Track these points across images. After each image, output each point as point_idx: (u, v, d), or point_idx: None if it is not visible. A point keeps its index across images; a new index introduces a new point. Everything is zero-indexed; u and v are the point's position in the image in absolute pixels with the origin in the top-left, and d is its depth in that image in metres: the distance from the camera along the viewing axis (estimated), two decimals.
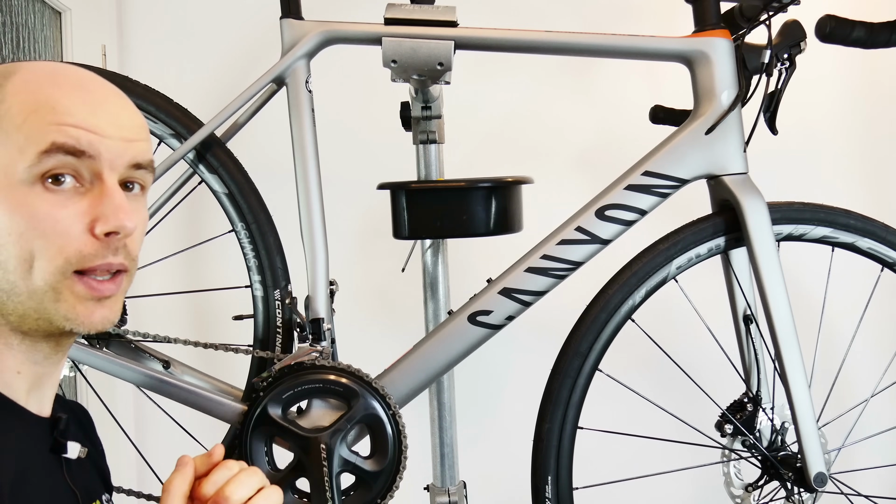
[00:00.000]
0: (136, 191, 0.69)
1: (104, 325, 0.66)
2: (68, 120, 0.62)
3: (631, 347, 1.24)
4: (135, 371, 1.10)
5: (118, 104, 0.67)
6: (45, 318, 0.63)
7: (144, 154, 0.68)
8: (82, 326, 0.64)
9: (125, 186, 0.67)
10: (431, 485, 1.41)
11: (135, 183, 0.69)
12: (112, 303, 0.66)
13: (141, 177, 0.69)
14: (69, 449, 0.70)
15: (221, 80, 1.76)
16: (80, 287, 0.63)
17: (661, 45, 1.13)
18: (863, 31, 1.05)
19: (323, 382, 1.07)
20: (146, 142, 0.69)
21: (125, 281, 0.68)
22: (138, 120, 0.69)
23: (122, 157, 0.65)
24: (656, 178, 1.12)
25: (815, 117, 1.79)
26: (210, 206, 1.23)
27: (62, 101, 0.63)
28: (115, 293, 0.66)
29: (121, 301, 0.68)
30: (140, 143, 0.68)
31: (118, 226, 0.63)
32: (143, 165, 0.68)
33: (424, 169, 1.36)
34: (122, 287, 0.67)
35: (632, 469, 1.36)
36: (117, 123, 0.66)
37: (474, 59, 1.24)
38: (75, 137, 0.62)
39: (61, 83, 0.65)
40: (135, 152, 0.67)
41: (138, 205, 0.69)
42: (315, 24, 1.13)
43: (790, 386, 1.10)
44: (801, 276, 1.56)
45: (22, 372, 0.66)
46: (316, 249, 1.13)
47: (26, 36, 1.51)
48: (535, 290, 1.12)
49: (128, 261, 0.67)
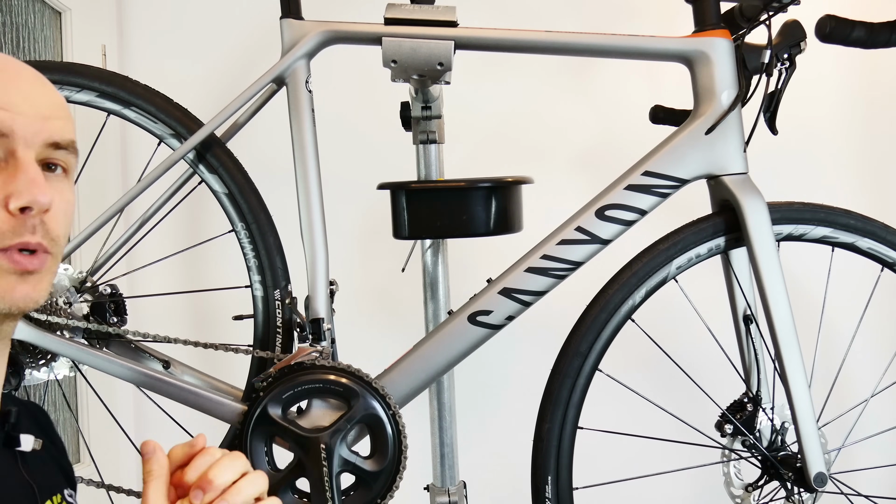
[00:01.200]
0: (58, 172, 0.67)
1: (26, 302, 0.63)
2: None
3: (631, 347, 1.24)
4: (135, 371, 1.10)
5: (33, 82, 0.66)
6: None
7: (62, 132, 0.66)
8: (2, 302, 0.62)
9: (47, 167, 0.66)
10: (431, 485, 1.41)
11: (57, 165, 0.67)
12: (36, 280, 0.64)
13: (62, 157, 0.67)
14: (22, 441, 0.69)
15: (221, 80, 1.76)
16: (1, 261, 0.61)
17: (661, 45, 1.13)
18: (863, 31, 1.05)
19: (323, 382, 1.07)
20: (65, 120, 0.67)
21: (49, 261, 0.65)
22: (56, 99, 0.67)
23: (38, 134, 0.64)
24: (656, 178, 1.12)
25: (815, 117, 1.80)
26: (210, 206, 1.23)
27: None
28: (38, 269, 0.64)
29: (47, 282, 0.66)
30: (57, 121, 0.66)
31: (31, 200, 0.61)
32: (62, 145, 0.66)
33: (424, 169, 1.36)
34: (47, 266, 0.65)
35: (632, 469, 1.36)
36: (31, 101, 0.64)
37: (474, 59, 1.25)
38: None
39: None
40: (52, 130, 0.65)
41: (60, 185, 0.67)
42: (315, 24, 1.13)
43: (790, 386, 1.10)
44: (801, 276, 1.56)
45: None
46: (316, 249, 1.13)
47: (26, 36, 1.51)
48: (535, 290, 1.12)
49: (47, 240, 0.64)
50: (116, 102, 1.15)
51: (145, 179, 1.15)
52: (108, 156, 1.72)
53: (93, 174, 1.60)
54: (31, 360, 1.13)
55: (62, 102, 0.68)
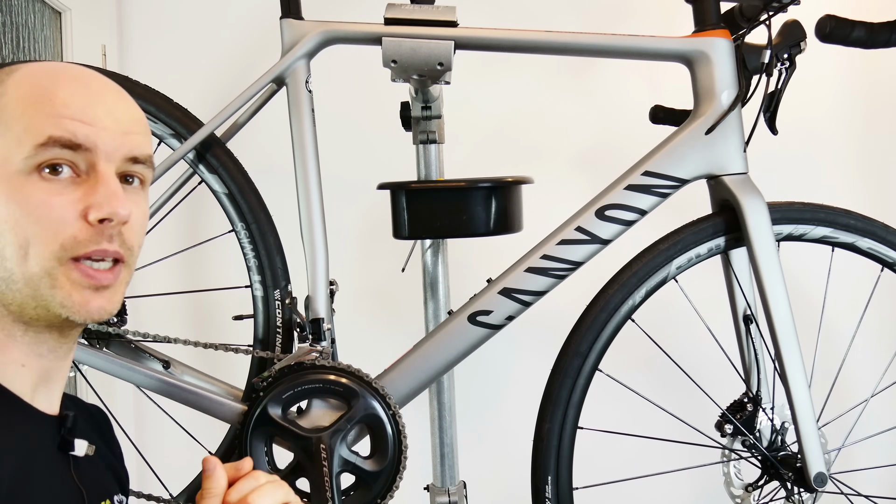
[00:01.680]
0: (135, 185, 0.69)
1: (101, 315, 0.66)
2: (65, 112, 0.63)
3: (631, 347, 1.24)
4: (135, 371, 1.10)
5: (116, 97, 0.68)
6: (43, 306, 0.63)
7: (142, 147, 0.68)
8: (79, 315, 0.64)
9: (125, 180, 0.68)
10: (431, 485, 1.41)
11: (134, 177, 0.69)
12: (110, 294, 0.66)
13: (140, 171, 0.69)
14: (76, 446, 0.70)
15: (221, 80, 1.76)
16: (76, 274, 0.64)
17: (661, 45, 1.13)
18: (863, 31, 1.05)
19: (323, 382, 1.07)
20: (144, 136, 0.70)
21: (124, 272, 0.68)
22: (136, 114, 0.69)
23: (118, 149, 0.66)
24: (656, 178, 1.12)
25: (815, 117, 1.79)
26: (210, 206, 1.23)
27: (60, 93, 0.64)
28: (112, 283, 0.66)
29: (120, 293, 0.68)
30: (137, 136, 0.68)
31: (111, 212, 0.63)
32: (141, 159, 0.68)
33: (424, 169, 1.36)
34: (121, 278, 0.67)
35: (632, 469, 1.36)
36: (114, 116, 0.66)
37: (474, 59, 1.24)
38: (71, 131, 0.63)
39: (60, 77, 0.65)
40: (132, 145, 0.67)
41: (137, 198, 0.69)
42: (315, 24, 1.13)
43: (790, 386, 1.10)
44: (801, 276, 1.56)
45: (27, 365, 0.66)
46: (316, 249, 1.13)
47: (26, 36, 1.51)
48: (535, 290, 1.12)
49: (123, 249, 0.66)
50: None
51: None
52: None
53: None
54: None
55: (142, 117, 0.70)
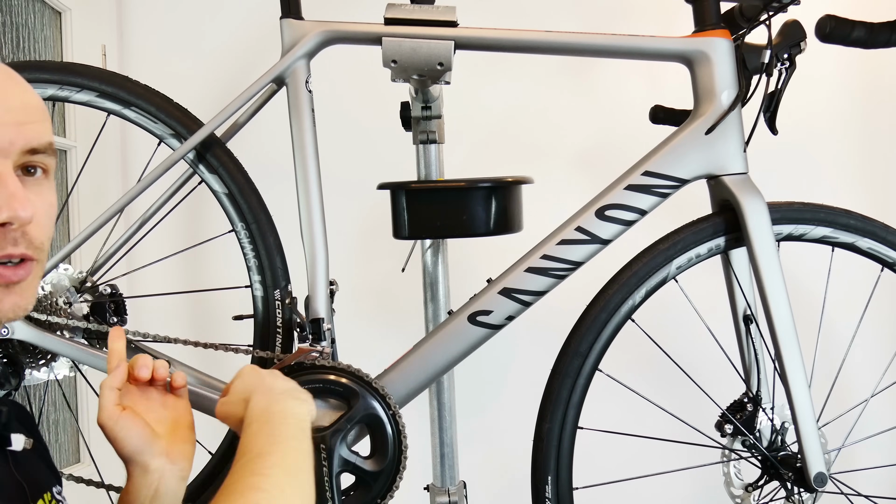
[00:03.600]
0: (38, 175, 0.66)
1: (15, 311, 0.64)
2: None
3: (631, 347, 1.24)
4: None
5: (6, 86, 0.63)
6: None
7: (40, 137, 0.64)
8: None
9: (26, 171, 0.64)
10: (431, 485, 1.41)
11: (36, 167, 0.65)
12: (22, 289, 0.64)
13: (41, 161, 0.65)
14: (13, 441, 0.69)
15: (221, 80, 1.76)
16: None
17: (661, 45, 1.13)
18: (863, 31, 1.05)
19: (323, 382, 1.07)
20: (41, 123, 0.65)
21: (35, 268, 0.65)
22: (31, 100, 0.65)
23: (14, 143, 0.62)
24: (656, 178, 1.12)
25: (815, 117, 1.80)
26: (210, 206, 1.23)
27: None
28: (24, 278, 0.63)
29: (33, 289, 0.66)
30: (34, 126, 0.64)
31: (11, 216, 0.60)
32: (40, 149, 0.64)
33: (424, 169, 1.36)
34: (33, 273, 0.65)
35: (632, 469, 1.36)
36: (6, 107, 0.62)
37: (474, 59, 1.24)
38: None
39: None
40: (28, 136, 0.63)
41: (41, 188, 0.66)
42: (315, 24, 1.13)
43: (790, 386, 1.10)
44: (801, 276, 1.56)
45: None
46: (316, 249, 1.13)
47: (26, 36, 1.51)
48: (535, 290, 1.12)
49: (31, 250, 0.63)
50: (116, 102, 1.15)
51: (145, 179, 1.15)
52: (108, 156, 1.72)
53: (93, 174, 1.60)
54: (31, 360, 1.13)
55: (38, 103, 0.66)
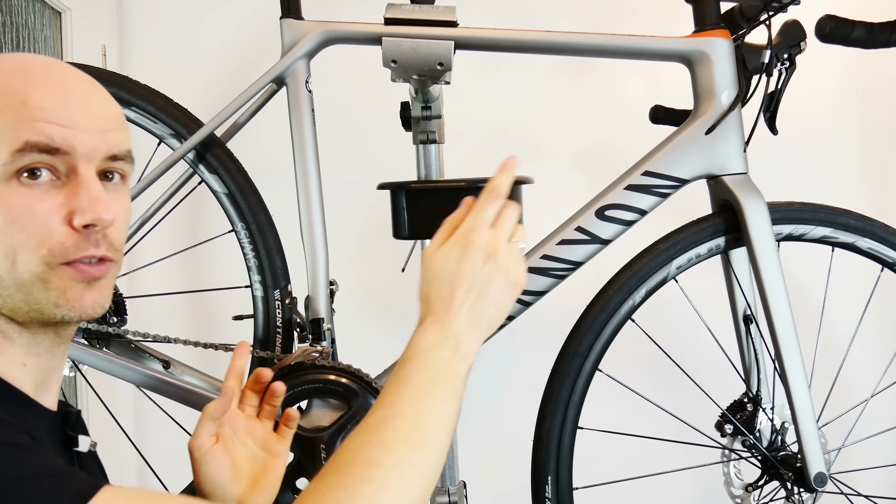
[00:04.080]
0: (115, 180, 0.68)
1: (95, 309, 0.65)
2: (41, 115, 0.62)
3: (631, 347, 1.23)
4: (135, 371, 1.10)
5: (91, 94, 0.66)
6: (37, 309, 0.63)
7: (120, 144, 0.67)
8: (73, 311, 0.64)
9: (104, 176, 0.67)
10: None
11: (114, 172, 0.68)
12: (101, 286, 0.66)
13: (120, 167, 0.68)
14: (80, 443, 0.70)
15: (221, 80, 1.76)
16: (69, 271, 0.63)
17: (661, 45, 1.13)
18: (863, 31, 1.05)
19: (323, 382, 1.07)
20: (122, 131, 0.68)
21: (113, 268, 0.67)
22: (113, 109, 0.68)
23: (97, 149, 0.64)
24: (656, 178, 1.12)
25: (815, 117, 1.79)
26: (210, 206, 1.23)
27: (34, 95, 0.62)
28: (104, 275, 0.66)
29: (110, 288, 0.68)
30: (115, 133, 0.67)
31: (95, 218, 0.63)
32: (121, 156, 0.67)
33: (424, 169, 1.36)
34: (111, 273, 0.67)
35: (632, 469, 1.36)
36: (90, 114, 0.64)
37: (474, 59, 1.24)
38: (48, 134, 0.61)
39: (33, 76, 0.63)
40: (110, 143, 0.66)
41: (119, 194, 0.68)
42: (315, 24, 1.13)
43: (790, 386, 1.10)
44: (801, 276, 1.56)
45: (28, 364, 0.66)
46: (316, 249, 1.13)
47: (26, 36, 1.51)
48: (535, 290, 1.12)
49: (111, 251, 0.66)
50: None
51: (145, 179, 1.15)
52: None
53: None
54: None
55: (118, 112, 0.69)
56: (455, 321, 0.71)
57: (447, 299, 0.72)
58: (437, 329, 0.71)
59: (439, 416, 0.67)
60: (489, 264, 0.72)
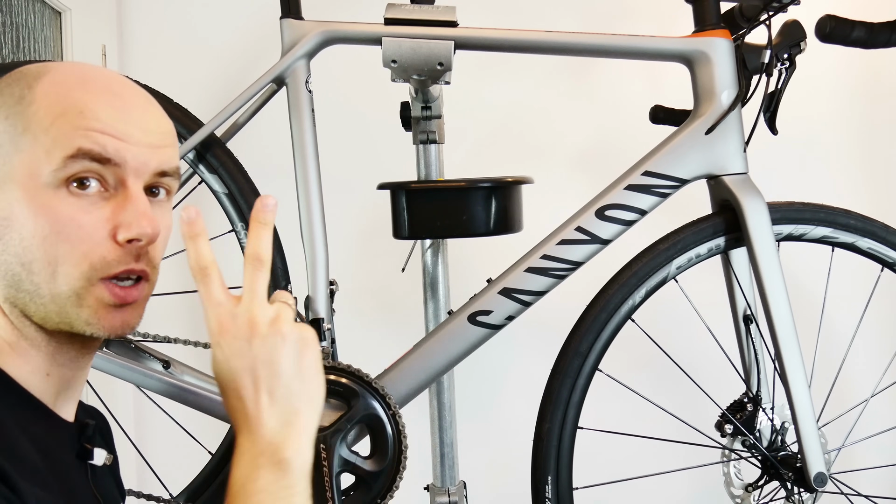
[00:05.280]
0: (161, 196, 0.68)
1: (125, 330, 0.65)
2: (95, 125, 0.62)
3: (631, 347, 1.24)
4: (135, 371, 1.10)
5: (147, 109, 0.67)
6: (67, 322, 0.63)
7: (171, 161, 0.67)
8: (103, 331, 0.64)
9: (150, 191, 0.67)
10: (431, 485, 1.41)
11: (160, 188, 0.68)
12: (133, 308, 0.66)
13: (167, 183, 0.68)
14: (95, 456, 0.70)
15: (221, 80, 1.76)
16: (103, 293, 0.63)
17: (661, 45, 1.13)
18: (863, 31, 1.05)
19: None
20: (173, 148, 0.68)
21: (146, 287, 0.67)
22: (167, 126, 0.68)
23: (148, 164, 0.64)
24: (656, 178, 1.12)
25: (815, 117, 1.79)
26: (210, 206, 1.23)
27: (90, 104, 0.62)
28: (137, 299, 0.66)
29: (142, 308, 0.68)
30: (167, 150, 0.67)
31: (140, 233, 0.63)
32: (169, 173, 0.67)
33: (424, 169, 1.36)
34: (144, 293, 0.67)
35: (632, 469, 1.36)
36: (145, 129, 0.65)
37: (474, 59, 1.24)
38: (102, 144, 0.62)
39: (90, 86, 0.64)
40: (161, 159, 0.66)
41: (162, 210, 0.68)
42: (315, 24, 1.13)
43: (790, 386, 1.10)
44: (801, 276, 1.56)
45: (51, 374, 0.66)
46: (316, 249, 1.13)
47: (26, 36, 1.51)
48: (535, 290, 1.12)
49: (149, 268, 0.66)
50: None
51: None
52: None
53: None
54: None
55: (172, 129, 0.69)
56: (260, 426, 0.62)
57: (241, 406, 0.63)
58: (247, 448, 0.62)
59: None
60: (256, 342, 0.63)
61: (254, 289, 0.65)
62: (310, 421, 0.64)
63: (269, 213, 0.66)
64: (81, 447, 0.69)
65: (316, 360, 0.65)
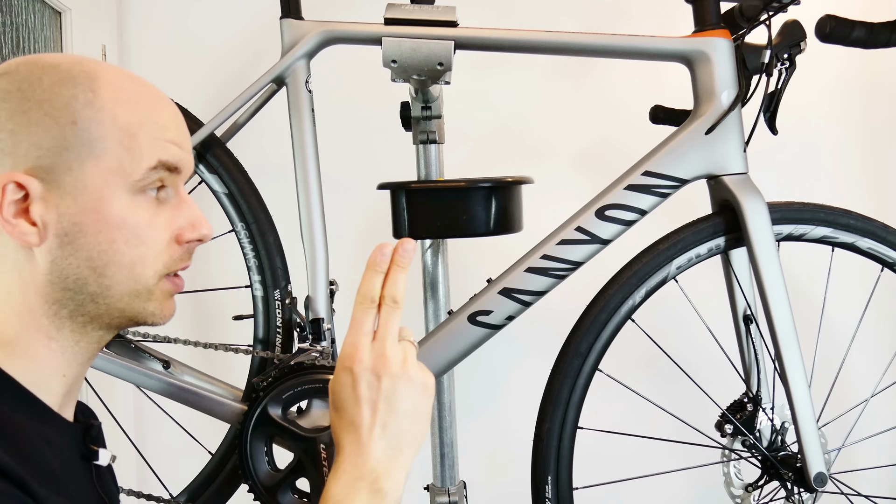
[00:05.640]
0: None
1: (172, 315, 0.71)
2: (167, 136, 0.67)
3: (631, 347, 1.24)
4: (135, 371, 1.10)
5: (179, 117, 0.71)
6: (128, 316, 0.67)
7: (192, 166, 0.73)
8: (165, 319, 0.70)
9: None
10: (431, 485, 1.41)
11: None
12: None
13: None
14: (100, 456, 0.71)
15: (221, 80, 1.76)
16: (168, 286, 0.69)
17: (661, 45, 1.13)
18: (863, 31, 1.05)
19: (323, 382, 1.07)
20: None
21: None
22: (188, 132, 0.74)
23: (191, 168, 0.71)
24: (656, 178, 1.12)
25: (815, 117, 1.80)
26: (210, 206, 1.23)
27: (159, 116, 0.67)
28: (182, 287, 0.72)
29: None
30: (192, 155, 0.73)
31: (203, 234, 0.70)
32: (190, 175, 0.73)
33: (424, 169, 1.36)
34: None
35: (632, 469, 1.36)
36: (188, 136, 0.71)
37: (474, 59, 1.24)
38: (174, 155, 0.67)
39: (148, 96, 0.67)
40: (192, 163, 0.72)
41: None
42: (315, 24, 1.13)
43: (790, 386, 1.10)
44: (801, 276, 1.56)
45: (66, 375, 0.67)
46: (316, 249, 1.13)
47: (26, 36, 1.51)
48: (535, 290, 1.12)
49: None
50: None
51: None
52: None
53: None
54: None
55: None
56: (368, 454, 0.66)
57: (354, 431, 0.67)
58: (349, 469, 0.66)
59: None
60: (385, 378, 0.67)
61: (389, 327, 0.71)
62: (409, 461, 0.69)
63: (408, 258, 0.74)
64: (86, 448, 0.70)
65: (429, 408, 0.70)
